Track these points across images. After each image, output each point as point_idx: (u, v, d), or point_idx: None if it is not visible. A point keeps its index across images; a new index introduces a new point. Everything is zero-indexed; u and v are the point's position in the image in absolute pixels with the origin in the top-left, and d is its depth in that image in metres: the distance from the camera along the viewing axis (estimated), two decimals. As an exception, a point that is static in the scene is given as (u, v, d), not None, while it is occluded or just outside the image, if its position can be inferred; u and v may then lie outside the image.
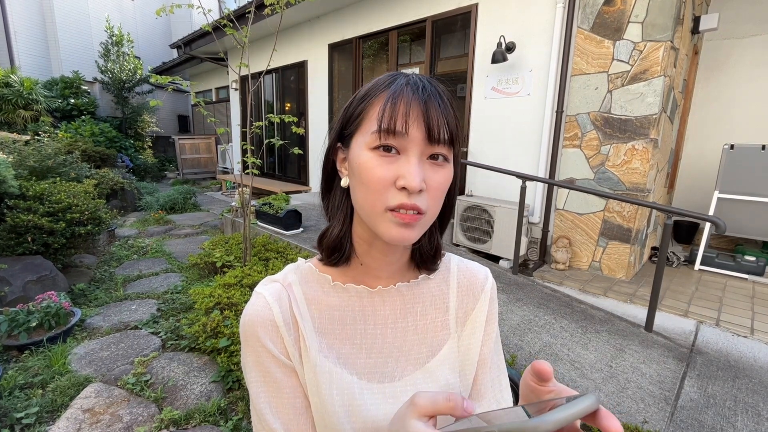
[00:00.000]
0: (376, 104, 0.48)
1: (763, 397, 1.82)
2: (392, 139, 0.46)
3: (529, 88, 3.62)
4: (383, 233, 0.48)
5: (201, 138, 10.27)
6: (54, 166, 4.16)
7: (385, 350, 0.55)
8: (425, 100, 0.47)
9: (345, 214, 0.55)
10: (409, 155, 0.47)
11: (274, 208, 3.95)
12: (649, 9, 2.93)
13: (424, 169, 0.47)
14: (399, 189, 0.46)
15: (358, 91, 0.53)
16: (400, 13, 4.62)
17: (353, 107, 0.51)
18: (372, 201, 0.48)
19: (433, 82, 0.50)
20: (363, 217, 0.51)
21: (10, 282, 2.68)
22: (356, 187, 0.50)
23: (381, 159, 0.47)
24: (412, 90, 0.47)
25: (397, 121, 0.46)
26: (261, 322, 0.51)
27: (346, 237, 0.55)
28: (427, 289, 0.60)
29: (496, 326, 0.63)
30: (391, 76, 0.50)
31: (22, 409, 1.83)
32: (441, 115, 0.47)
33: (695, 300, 2.86)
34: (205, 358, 2.26)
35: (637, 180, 3.09)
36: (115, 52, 9.70)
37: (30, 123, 7.74)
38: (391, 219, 0.47)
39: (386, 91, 0.48)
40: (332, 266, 0.57)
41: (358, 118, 0.50)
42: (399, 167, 0.46)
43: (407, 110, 0.46)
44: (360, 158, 0.48)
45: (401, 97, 0.47)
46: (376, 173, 0.46)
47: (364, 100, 0.50)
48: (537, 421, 0.29)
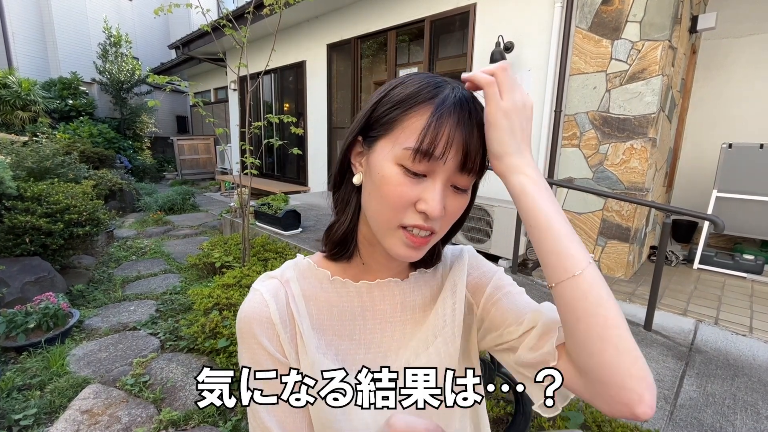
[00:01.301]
0: (416, 117, 0.44)
1: (762, 396, 1.82)
2: (426, 165, 0.43)
3: (528, 87, 3.62)
4: (389, 248, 0.48)
5: (200, 138, 10.26)
6: (52, 167, 4.15)
7: (385, 344, 0.55)
8: (469, 125, 0.44)
9: (353, 211, 0.53)
10: (435, 180, 0.44)
11: (272, 209, 3.95)
12: (646, 8, 2.94)
13: (446, 195, 0.46)
14: (418, 211, 0.45)
15: (392, 87, 0.48)
16: (399, 13, 4.62)
17: (386, 109, 0.46)
18: (387, 217, 0.46)
19: (476, 104, 0.46)
20: (372, 226, 0.50)
21: (8, 283, 2.68)
22: (372, 194, 0.48)
23: (406, 178, 0.44)
24: (458, 111, 0.44)
25: (438, 146, 0.43)
26: (257, 319, 0.50)
27: (352, 234, 0.54)
28: (424, 282, 0.60)
29: (500, 281, 0.57)
30: (436, 85, 0.46)
31: (21, 410, 1.82)
32: (480, 145, 0.45)
33: (694, 299, 2.87)
34: (204, 359, 2.25)
35: (636, 179, 3.09)
36: (113, 52, 9.69)
37: (28, 124, 7.72)
38: (401, 237, 0.46)
39: (430, 104, 0.44)
40: (333, 261, 0.56)
41: (391, 124, 0.46)
42: (423, 190, 0.44)
43: (451, 136, 0.43)
44: (384, 169, 0.45)
45: (447, 119, 0.43)
46: (398, 191, 0.44)
47: (402, 105, 0.45)
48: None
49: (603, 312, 0.40)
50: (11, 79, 7.65)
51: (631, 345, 0.39)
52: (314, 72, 6.06)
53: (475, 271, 0.60)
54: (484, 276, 0.60)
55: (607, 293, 0.41)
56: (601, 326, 0.39)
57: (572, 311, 0.41)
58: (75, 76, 9.17)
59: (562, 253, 0.42)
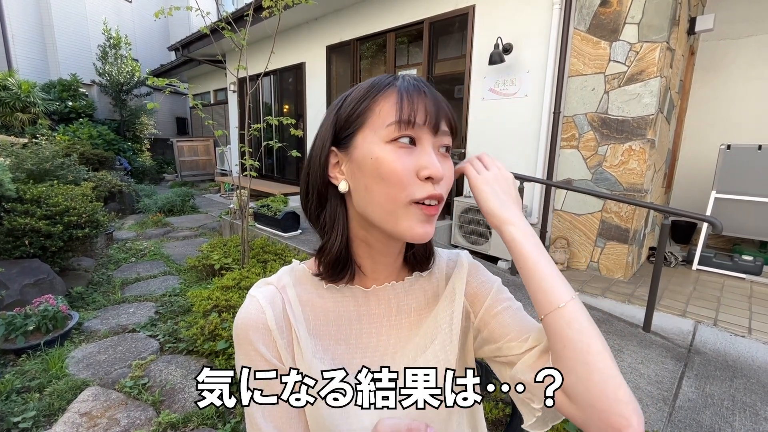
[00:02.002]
0: (385, 100, 0.48)
1: (760, 397, 1.82)
2: (411, 130, 0.47)
3: (527, 89, 3.63)
4: (405, 231, 0.47)
5: (199, 140, 10.27)
6: (52, 169, 4.15)
7: (381, 348, 0.56)
8: (431, 94, 0.49)
9: (344, 223, 0.53)
10: (425, 146, 0.48)
11: (272, 210, 3.95)
12: (645, 10, 2.95)
13: (438, 159, 0.49)
14: (423, 180, 0.47)
15: (349, 94, 0.51)
16: (398, 14, 4.63)
17: (351, 107, 0.49)
18: (394, 195, 0.46)
19: (430, 84, 0.51)
20: (378, 218, 0.49)
21: (7, 285, 2.67)
22: (370, 185, 0.48)
23: (400, 150, 0.47)
24: (417, 87, 0.49)
25: (417, 112, 0.47)
26: (253, 325, 0.51)
27: (348, 249, 0.54)
28: (419, 286, 0.60)
29: (498, 293, 0.58)
30: (391, 76, 0.51)
31: (20, 413, 1.82)
32: (448, 109, 0.50)
33: (693, 300, 2.87)
34: (204, 361, 2.25)
35: (635, 180, 3.10)
36: (112, 54, 9.69)
37: (28, 126, 7.72)
38: (416, 213, 0.47)
39: (393, 87, 0.48)
40: (335, 283, 0.55)
41: (363, 115, 0.48)
42: (419, 158, 0.47)
43: (422, 102, 0.47)
44: (374, 153, 0.47)
45: (414, 92, 0.48)
46: (399, 165, 0.46)
47: (367, 98, 0.49)
48: None
49: (586, 339, 0.44)
50: (11, 80, 7.65)
51: (615, 372, 0.42)
52: (314, 74, 6.07)
53: (474, 279, 0.60)
54: (483, 286, 0.60)
55: (590, 324, 0.45)
56: (585, 352, 0.43)
57: (559, 339, 0.45)
58: (75, 78, 9.17)
59: (548, 289, 0.47)
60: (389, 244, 0.54)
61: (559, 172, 3.51)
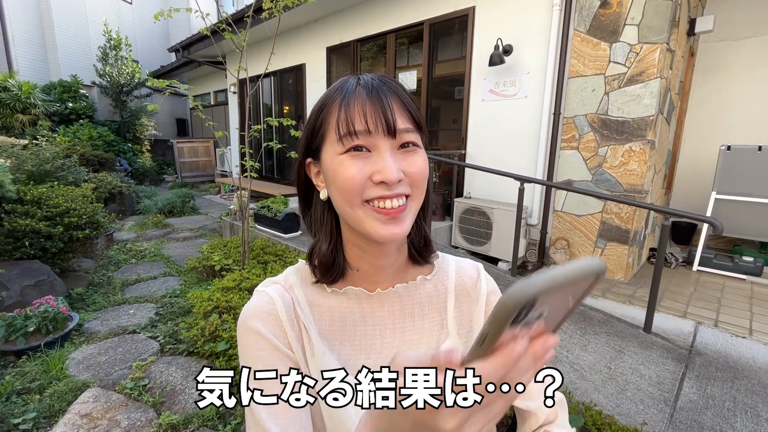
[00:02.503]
0: (331, 115, 0.48)
1: (762, 398, 1.82)
2: (357, 140, 0.47)
3: (527, 90, 3.63)
4: (370, 232, 0.48)
5: (199, 141, 10.28)
6: (52, 170, 4.15)
7: (384, 351, 0.56)
8: (378, 94, 0.47)
9: (330, 227, 0.55)
10: (380, 150, 0.47)
11: (272, 211, 3.95)
12: (644, 11, 2.95)
13: (398, 160, 0.48)
14: (377, 184, 0.47)
15: (315, 104, 0.53)
16: (398, 16, 4.63)
17: (313, 120, 0.51)
18: (348, 198, 0.48)
19: (383, 78, 0.50)
20: (348, 221, 0.51)
21: (7, 286, 2.67)
22: (335, 194, 0.50)
23: (353, 159, 0.47)
24: (363, 88, 0.48)
25: (354, 121, 0.46)
26: (263, 315, 0.51)
27: (338, 250, 0.55)
28: (425, 290, 0.60)
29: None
30: (341, 81, 0.51)
31: (20, 414, 1.82)
32: (399, 104, 0.48)
33: (694, 301, 2.87)
34: (204, 362, 2.25)
35: (635, 181, 3.10)
36: (113, 55, 9.71)
37: (28, 127, 7.73)
38: (372, 215, 0.47)
39: (338, 95, 0.49)
40: (328, 284, 0.56)
41: (321, 130, 0.50)
42: (374, 164, 0.47)
43: (363, 108, 0.46)
44: (333, 165, 0.48)
45: (354, 98, 0.47)
46: (349, 172, 0.47)
47: (322, 110, 0.50)
48: (523, 283, 0.23)
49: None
50: (11, 82, 7.66)
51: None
52: (314, 75, 6.08)
53: (494, 302, 0.61)
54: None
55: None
56: None
57: None
58: (75, 79, 9.19)
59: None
60: (379, 246, 0.54)
61: (560, 173, 3.52)
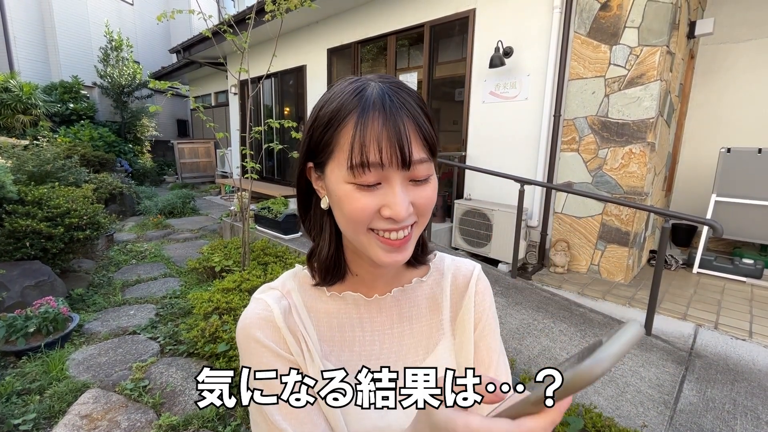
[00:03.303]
0: (345, 133, 0.44)
1: (762, 401, 1.82)
2: (369, 174, 0.43)
3: (527, 92, 3.64)
4: (373, 257, 0.48)
5: (200, 142, 10.29)
6: (53, 171, 4.16)
7: (383, 357, 0.56)
8: (395, 119, 0.43)
9: (330, 233, 0.53)
10: (391, 184, 0.44)
11: (272, 213, 3.95)
12: (644, 14, 2.96)
13: (408, 191, 0.45)
14: (385, 218, 0.45)
15: (321, 107, 0.48)
16: (399, 18, 4.64)
17: (320, 134, 0.46)
18: (355, 229, 0.47)
19: (401, 93, 0.45)
20: (350, 240, 0.50)
21: (8, 287, 2.68)
22: (339, 216, 0.48)
23: (361, 192, 0.44)
24: (380, 108, 0.43)
25: (368, 152, 0.42)
26: (261, 323, 0.51)
27: (338, 255, 0.54)
28: (422, 292, 0.60)
29: (493, 324, 0.61)
30: (357, 92, 0.45)
31: (20, 415, 1.82)
32: (415, 130, 0.44)
33: (694, 303, 2.87)
34: (204, 363, 2.25)
35: (635, 183, 3.10)
36: (114, 56, 9.73)
37: (29, 128, 7.74)
38: (377, 244, 0.46)
39: (354, 114, 0.44)
40: (328, 286, 0.56)
41: (329, 147, 0.46)
42: (384, 196, 0.44)
43: (379, 137, 0.42)
44: (338, 191, 0.46)
45: (370, 121, 0.43)
46: (358, 207, 0.45)
47: (331, 126, 0.45)
48: (588, 364, 0.25)
49: None
50: (12, 82, 7.67)
51: None
52: (314, 76, 6.09)
53: (481, 301, 0.62)
54: (483, 317, 0.61)
55: None
56: None
57: None
58: (76, 80, 9.20)
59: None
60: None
61: (560, 175, 3.52)
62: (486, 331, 0.60)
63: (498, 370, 0.58)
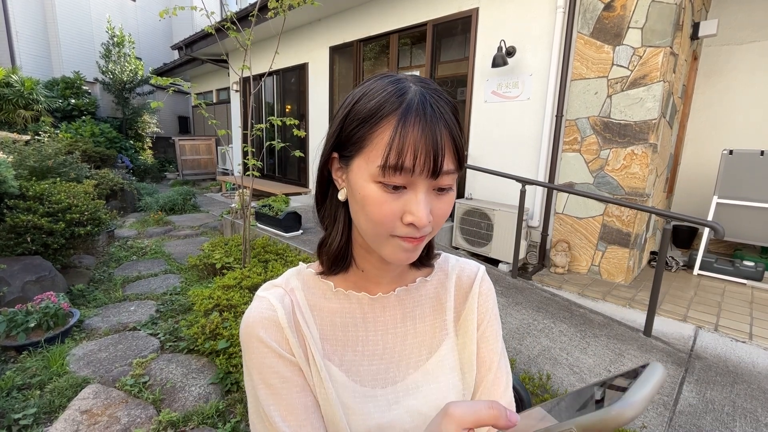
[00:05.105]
0: (382, 132, 0.44)
1: (761, 403, 1.82)
2: (399, 177, 0.43)
3: (529, 92, 3.63)
4: (387, 256, 0.49)
5: (201, 139, 10.28)
6: (54, 167, 4.16)
7: (386, 356, 0.56)
8: (433, 128, 0.43)
9: (343, 225, 0.54)
10: (416, 191, 0.44)
11: (273, 210, 3.95)
12: (648, 15, 2.95)
13: (430, 199, 0.46)
14: (406, 225, 0.45)
15: (357, 101, 0.47)
16: (401, 16, 4.64)
17: (354, 127, 0.46)
18: (377, 231, 0.47)
19: (440, 102, 0.45)
20: (365, 238, 0.50)
21: (8, 282, 2.68)
22: (358, 213, 0.48)
23: (387, 195, 0.44)
24: (421, 115, 0.43)
25: (406, 159, 0.42)
26: (265, 323, 0.50)
27: (347, 247, 0.55)
28: (426, 292, 0.60)
29: (495, 325, 0.61)
30: (399, 92, 0.45)
31: (20, 410, 1.82)
32: (449, 142, 0.45)
33: (694, 305, 2.87)
34: (204, 360, 2.26)
35: (637, 184, 3.10)
36: (116, 52, 9.72)
37: (30, 123, 7.74)
38: (397, 244, 0.47)
39: (394, 115, 0.43)
40: (333, 275, 0.57)
41: (362, 142, 0.45)
42: (407, 202, 0.44)
43: (416, 144, 0.42)
44: (363, 189, 0.45)
45: (411, 125, 0.43)
46: (382, 210, 0.45)
47: (368, 122, 0.45)
48: (620, 406, 0.24)
49: None
50: (14, 77, 7.67)
51: None
52: (316, 74, 6.08)
53: (485, 302, 0.62)
54: (485, 319, 0.61)
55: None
56: None
57: None
58: (78, 76, 9.20)
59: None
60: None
61: (561, 176, 3.52)
62: (488, 332, 0.60)
63: (499, 372, 0.59)
